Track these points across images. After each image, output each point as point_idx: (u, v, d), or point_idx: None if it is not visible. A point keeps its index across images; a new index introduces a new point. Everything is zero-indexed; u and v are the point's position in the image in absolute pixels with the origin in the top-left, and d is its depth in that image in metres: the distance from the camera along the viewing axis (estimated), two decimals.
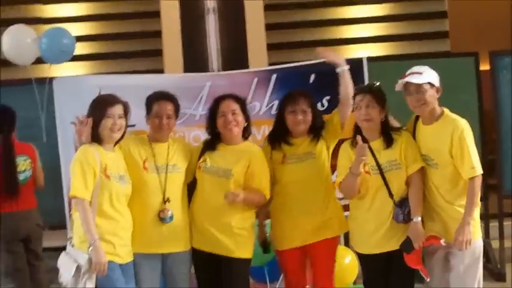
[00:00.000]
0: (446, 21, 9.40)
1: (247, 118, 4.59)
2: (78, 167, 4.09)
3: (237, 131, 4.52)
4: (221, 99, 4.58)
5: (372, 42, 9.28)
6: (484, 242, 6.83)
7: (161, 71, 8.65)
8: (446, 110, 4.34)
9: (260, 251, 4.76)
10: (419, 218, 4.25)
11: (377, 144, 4.39)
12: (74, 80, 6.08)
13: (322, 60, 4.93)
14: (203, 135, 4.83)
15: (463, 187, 4.24)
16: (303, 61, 6.07)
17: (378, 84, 4.55)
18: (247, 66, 8.19)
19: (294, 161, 4.59)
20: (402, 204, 4.30)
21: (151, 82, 5.60)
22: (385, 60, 7.77)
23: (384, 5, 9.40)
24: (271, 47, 8.93)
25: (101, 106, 4.25)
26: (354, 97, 4.49)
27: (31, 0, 9.03)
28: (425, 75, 4.27)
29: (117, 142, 4.34)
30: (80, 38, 8.48)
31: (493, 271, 6.93)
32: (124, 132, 4.33)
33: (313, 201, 4.57)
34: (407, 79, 4.28)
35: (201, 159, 4.52)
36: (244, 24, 8.81)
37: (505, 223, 7.06)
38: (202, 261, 4.46)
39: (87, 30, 9.12)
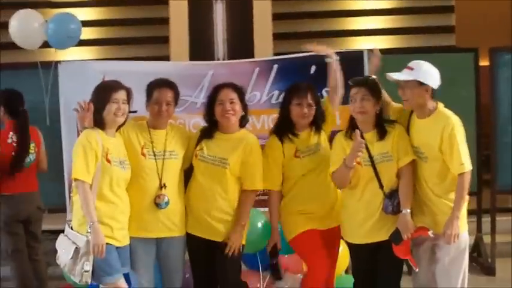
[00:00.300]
0: (453, 16, 9.40)
1: (244, 107, 4.65)
2: (81, 150, 4.18)
3: (234, 119, 4.59)
4: (220, 88, 4.64)
5: (378, 34, 9.29)
6: (476, 236, 7.07)
7: (167, 58, 8.68)
8: (440, 106, 4.40)
9: (254, 239, 4.82)
10: (409, 210, 4.32)
11: (370, 136, 4.46)
12: (79, 64, 6.05)
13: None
14: (203, 123, 4.84)
15: (451, 181, 4.30)
16: (307, 52, 6.12)
17: (373, 77, 4.63)
18: (252, 55, 8.24)
19: (306, 154, 4.66)
20: (392, 196, 4.37)
21: (155, 69, 5.62)
22: (386, 54, 7.73)
23: None
24: (277, 37, 8.95)
25: (105, 91, 4.34)
26: (350, 89, 4.55)
27: None
28: (415, 72, 4.34)
29: (119, 127, 4.42)
30: (87, 23, 8.52)
31: (483, 265, 7.02)
32: (126, 118, 4.42)
33: (325, 190, 4.68)
34: (392, 74, 4.37)
35: (198, 147, 4.59)
36: (251, 13, 8.84)
37: (497, 218, 7.11)
38: (196, 246, 4.55)
39: (95, 15, 9.14)
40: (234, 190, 4.56)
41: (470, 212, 4.51)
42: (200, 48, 8.76)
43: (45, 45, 5.96)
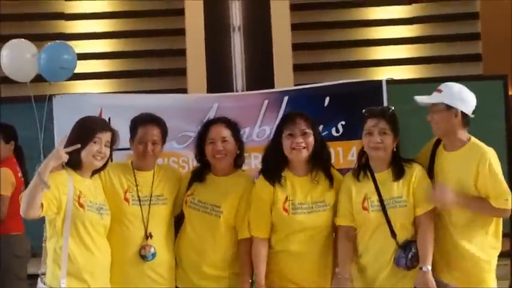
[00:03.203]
0: (479, 43, 9.12)
1: (240, 145, 4.14)
2: None
3: (227, 161, 4.09)
4: (211, 124, 4.17)
5: (401, 64, 9.01)
6: (510, 282, 6.50)
7: (185, 90, 8.53)
8: (473, 138, 3.94)
9: None
10: (429, 267, 3.75)
11: (383, 176, 3.92)
12: (75, 98, 5.91)
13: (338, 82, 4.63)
14: None
15: (483, 224, 3.83)
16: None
17: (392, 108, 4.08)
18: (273, 87, 7.92)
19: (300, 212, 4.00)
20: (407, 247, 3.80)
21: (155, 102, 5.43)
22: (405, 83, 7.35)
23: (414, 26, 9.14)
24: (297, 68, 8.77)
25: (89, 129, 3.89)
26: (364, 121, 3.99)
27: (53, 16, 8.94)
28: (443, 95, 3.91)
29: (97, 171, 3.98)
30: (102, 55, 8.74)
31: None
32: (106, 163, 3.97)
33: (320, 256, 4.04)
34: (419, 97, 4.01)
35: (189, 192, 4.11)
36: (270, 43, 8.67)
37: None
38: None
39: (111, 47, 9.03)
40: (227, 242, 4.06)
41: (503, 254, 4.06)
42: (218, 79, 8.53)
43: (42, 79, 5.71)
